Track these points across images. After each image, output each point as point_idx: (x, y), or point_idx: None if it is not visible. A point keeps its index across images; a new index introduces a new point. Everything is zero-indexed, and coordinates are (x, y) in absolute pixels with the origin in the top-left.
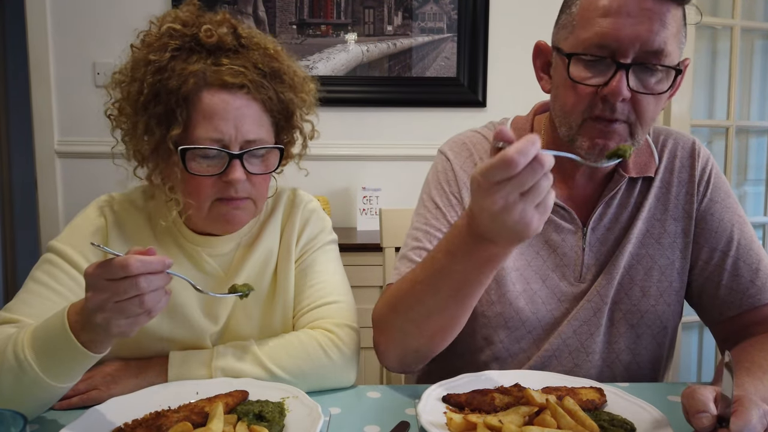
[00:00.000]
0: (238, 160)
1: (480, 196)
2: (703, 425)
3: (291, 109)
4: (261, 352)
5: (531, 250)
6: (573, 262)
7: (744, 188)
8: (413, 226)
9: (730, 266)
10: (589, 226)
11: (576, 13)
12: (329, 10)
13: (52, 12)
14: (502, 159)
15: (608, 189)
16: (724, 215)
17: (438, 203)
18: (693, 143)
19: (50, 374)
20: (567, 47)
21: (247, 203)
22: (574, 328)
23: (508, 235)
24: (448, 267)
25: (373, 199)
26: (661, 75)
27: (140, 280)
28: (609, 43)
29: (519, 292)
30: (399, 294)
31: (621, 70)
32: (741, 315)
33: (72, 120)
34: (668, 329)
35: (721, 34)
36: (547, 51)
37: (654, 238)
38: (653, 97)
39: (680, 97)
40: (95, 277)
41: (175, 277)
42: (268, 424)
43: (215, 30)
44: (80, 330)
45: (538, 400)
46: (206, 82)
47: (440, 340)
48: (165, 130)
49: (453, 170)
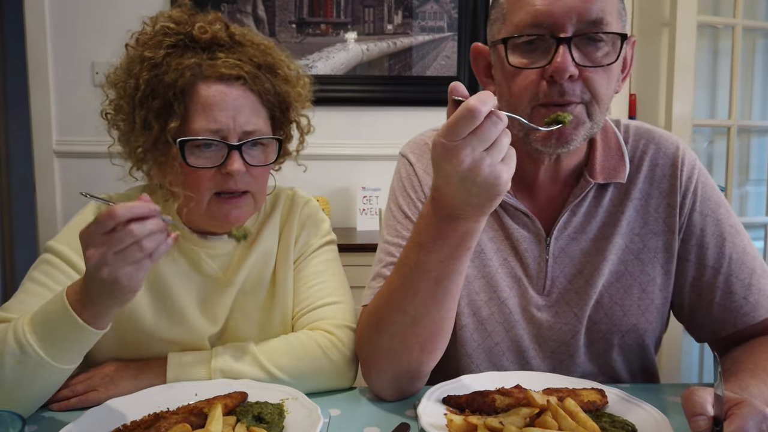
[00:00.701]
0: (237, 151)
1: (446, 159)
2: (699, 428)
3: (287, 102)
4: (260, 353)
5: (498, 256)
6: (536, 274)
7: (745, 188)
8: (384, 240)
9: (722, 283)
10: (553, 235)
11: (504, 2)
12: (329, 9)
13: (51, 12)
14: (464, 109)
15: (573, 195)
16: (713, 229)
17: (406, 212)
18: (676, 150)
19: (54, 356)
20: (502, 36)
21: (246, 199)
22: (552, 349)
23: (479, 195)
24: (422, 262)
25: (373, 199)
26: (606, 48)
27: (132, 227)
28: (544, 19)
29: (484, 300)
30: (377, 311)
31: (562, 44)
32: (736, 333)
33: (70, 120)
34: (651, 345)
35: (723, 33)
36: (485, 52)
37: (633, 254)
38: (604, 72)
39: (682, 97)
40: (90, 234)
41: (174, 279)
42: (268, 426)
43: (208, 27)
44: (82, 307)
45: (539, 402)
46: (203, 74)
47: (431, 351)
48: (163, 124)
49: (416, 175)
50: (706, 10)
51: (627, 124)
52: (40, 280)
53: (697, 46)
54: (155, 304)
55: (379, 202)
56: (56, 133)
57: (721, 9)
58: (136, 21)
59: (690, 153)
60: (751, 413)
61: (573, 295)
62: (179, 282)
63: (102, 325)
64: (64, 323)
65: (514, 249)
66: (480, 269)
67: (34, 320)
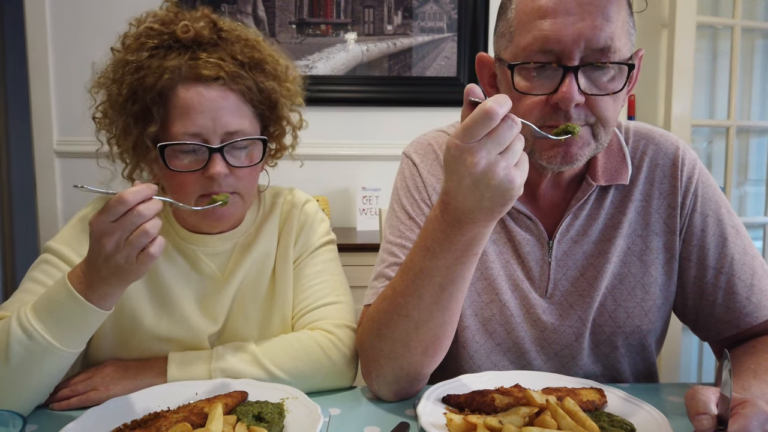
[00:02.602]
0: (219, 153)
1: (460, 161)
2: (703, 427)
3: (274, 98)
4: (260, 352)
5: (500, 259)
6: (539, 277)
7: (744, 188)
8: (387, 239)
9: (724, 284)
10: (555, 239)
11: (512, 19)
12: (329, 9)
13: (52, 12)
14: (481, 110)
15: (576, 198)
16: (715, 230)
17: (410, 213)
18: (676, 150)
19: (61, 340)
20: (508, 57)
21: (233, 198)
22: (555, 351)
23: (491, 199)
24: (428, 267)
25: (372, 199)
26: (613, 72)
27: (140, 208)
28: (551, 46)
29: (486, 302)
30: (380, 316)
31: (569, 73)
32: (738, 334)
33: (71, 120)
34: (652, 346)
35: (722, 33)
36: (490, 63)
37: (636, 255)
38: (610, 97)
39: (681, 97)
40: (100, 223)
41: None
42: (268, 425)
43: (192, 25)
44: (88, 290)
45: (538, 401)
46: (181, 76)
47: (433, 354)
48: (142, 129)
49: (420, 175)
50: (705, 10)
51: (627, 125)
52: (39, 279)
53: (696, 47)
54: (155, 304)
55: (379, 202)
56: (57, 133)
57: (720, 9)
58: None
59: (690, 153)
60: (755, 413)
61: (576, 298)
62: (178, 281)
63: (110, 306)
64: (70, 308)
65: (516, 252)
66: (482, 271)
67: (36, 308)
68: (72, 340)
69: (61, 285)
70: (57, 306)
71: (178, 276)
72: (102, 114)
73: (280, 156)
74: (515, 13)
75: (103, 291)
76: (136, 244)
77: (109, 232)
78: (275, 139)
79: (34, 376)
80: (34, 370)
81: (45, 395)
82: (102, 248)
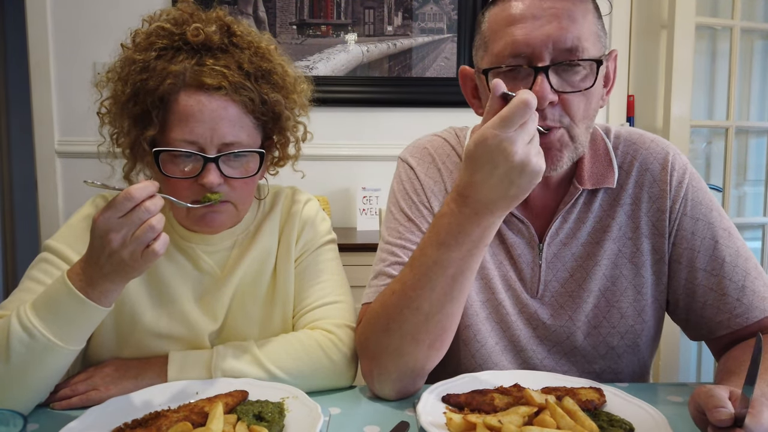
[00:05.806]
0: (213, 163)
1: (499, 151)
2: (720, 417)
3: (278, 111)
4: (261, 352)
5: (495, 259)
6: (530, 278)
7: (743, 189)
8: (386, 240)
9: (715, 286)
10: (545, 241)
11: (486, 30)
12: (329, 10)
13: (53, 12)
14: (520, 101)
15: (564, 202)
16: (705, 233)
17: (409, 215)
18: (666, 155)
19: (62, 337)
20: (484, 65)
21: (226, 207)
22: (549, 349)
23: (519, 186)
24: (442, 259)
25: (372, 199)
26: (585, 72)
27: (146, 203)
28: (522, 50)
29: (482, 301)
30: (388, 311)
31: (540, 73)
32: (731, 334)
33: (72, 120)
34: (646, 347)
35: (721, 34)
36: (471, 74)
37: (627, 257)
38: (582, 95)
39: (680, 98)
40: (107, 219)
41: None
42: (268, 425)
43: (203, 29)
44: (89, 287)
45: (538, 401)
46: (185, 82)
47: (438, 347)
48: (141, 131)
49: (418, 179)
50: (705, 11)
51: (618, 131)
52: (38, 278)
53: (696, 48)
54: (154, 301)
55: (379, 203)
56: (58, 133)
57: (719, 10)
58: (139, 21)
59: (681, 158)
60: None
61: (566, 299)
62: (177, 279)
63: (109, 303)
64: (70, 305)
65: (509, 254)
66: (479, 271)
67: (36, 306)
68: (72, 338)
69: (60, 283)
70: (57, 303)
71: (178, 273)
72: (106, 109)
73: (283, 164)
74: (488, 24)
75: (104, 287)
76: (143, 239)
77: (115, 227)
78: (278, 149)
79: (35, 375)
80: (35, 369)
81: (45, 394)
82: (107, 244)
